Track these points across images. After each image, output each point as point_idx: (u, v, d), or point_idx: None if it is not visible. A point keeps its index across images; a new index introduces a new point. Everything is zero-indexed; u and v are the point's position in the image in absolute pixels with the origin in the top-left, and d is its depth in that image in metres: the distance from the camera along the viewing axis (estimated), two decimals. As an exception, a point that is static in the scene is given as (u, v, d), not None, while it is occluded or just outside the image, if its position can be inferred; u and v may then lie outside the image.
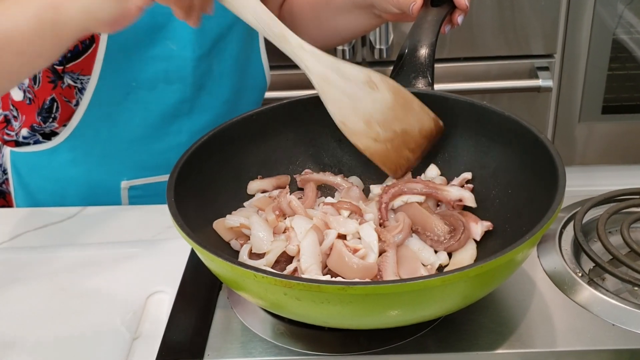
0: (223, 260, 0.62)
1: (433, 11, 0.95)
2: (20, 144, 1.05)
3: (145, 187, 1.08)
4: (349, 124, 0.82)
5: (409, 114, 0.82)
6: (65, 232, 0.94)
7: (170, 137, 1.05)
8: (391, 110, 0.82)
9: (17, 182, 1.09)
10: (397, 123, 0.82)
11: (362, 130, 0.82)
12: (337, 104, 0.81)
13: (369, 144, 0.82)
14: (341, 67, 0.80)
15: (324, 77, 0.80)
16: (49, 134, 1.03)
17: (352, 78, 0.80)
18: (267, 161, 0.89)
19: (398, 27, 1.68)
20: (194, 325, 0.74)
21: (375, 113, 0.81)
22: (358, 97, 0.81)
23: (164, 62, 0.99)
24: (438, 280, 0.58)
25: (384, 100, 0.81)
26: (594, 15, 1.71)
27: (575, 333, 0.71)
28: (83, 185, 1.06)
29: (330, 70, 0.80)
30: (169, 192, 0.72)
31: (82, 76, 0.97)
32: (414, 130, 0.83)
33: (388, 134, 0.82)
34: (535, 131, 0.77)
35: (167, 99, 1.02)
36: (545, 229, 0.64)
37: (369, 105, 0.81)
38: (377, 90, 0.81)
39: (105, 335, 0.75)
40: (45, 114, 1.00)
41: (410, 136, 0.83)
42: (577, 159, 1.88)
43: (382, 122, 0.82)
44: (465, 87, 1.71)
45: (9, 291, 0.83)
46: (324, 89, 0.80)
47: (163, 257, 0.86)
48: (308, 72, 0.80)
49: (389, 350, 0.70)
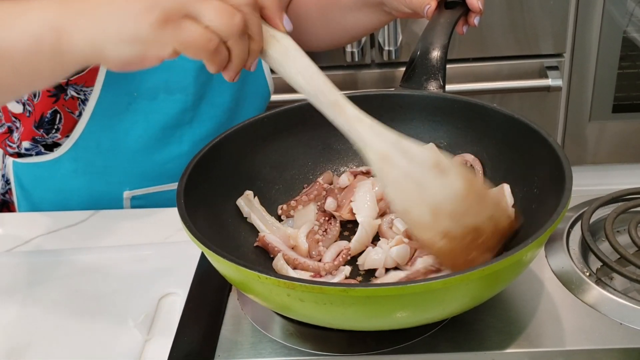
0: (229, 261, 0.63)
1: (446, 13, 0.95)
2: (22, 155, 1.05)
3: (148, 197, 1.07)
4: (414, 214, 0.67)
5: (483, 208, 0.69)
6: (78, 236, 0.95)
7: (171, 146, 1.04)
8: (462, 201, 0.67)
9: (20, 192, 1.09)
10: (469, 218, 0.67)
11: (428, 223, 0.67)
12: (400, 189, 0.66)
13: (435, 240, 0.67)
14: (405, 146, 0.66)
15: (384, 155, 0.66)
16: (51, 145, 1.02)
17: (418, 159, 0.66)
18: (277, 164, 0.89)
19: (407, 28, 1.68)
20: (204, 327, 0.75)
21: (444, 203, 0.66)
22: (425, 182, 0.66)
23: (165, 72, 0.98)
24: (440, 283, 0.59)
25: (454, 189, 0.67)
26: (603, 14, 1.70)
27: (583, 332, 0.71)
28: (86, 195, 1.06)
29: (392, 148, 0.66)
30: (179, 195, 0.73)
31: (85, 88, 0.96)
32: (487, 227, 0.69)
33: (458, 230, 0.67)
34: (544, 134, 0.77)
35: (169, 109, 1.01)
36: (551, 232, 0.64)
37: (437, 194, 0.66)
38: (446, 176, 0.67)
39: (118, 336, 0.76)
40: (48, 126, 0.99)
41: (482, 235, 0.68)
42: (589, 158, 1.88)
43: (452, 214, 0.67)
44: (475, 88, 1.71)
45: (23, 293, 0.84)
46: (385, 170, 0.66)
47: (175, 260, 0.87)
48: (366, 148, 0.66)
49: (397, 351, 0.70)
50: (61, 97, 0.97)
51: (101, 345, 0.76)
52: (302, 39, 1.19)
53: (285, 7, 1.18)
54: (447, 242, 0.67)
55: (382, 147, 0.66)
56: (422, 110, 0.89)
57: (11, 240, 0.94)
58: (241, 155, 0.86)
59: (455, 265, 0.69)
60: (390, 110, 0.90)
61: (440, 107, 0.88)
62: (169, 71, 0.99)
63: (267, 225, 0.83)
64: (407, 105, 0.89)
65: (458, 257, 0.68)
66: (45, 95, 0.97)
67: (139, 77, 0.98)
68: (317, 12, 1.14)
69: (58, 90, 0.97)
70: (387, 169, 0.66)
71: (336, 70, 1.71)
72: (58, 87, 0.96)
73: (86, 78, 0.96)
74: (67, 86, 0.96)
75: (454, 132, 0.88)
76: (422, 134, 0.89)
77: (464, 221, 0.67)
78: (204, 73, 1.01)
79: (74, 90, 0.97)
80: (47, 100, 0.97)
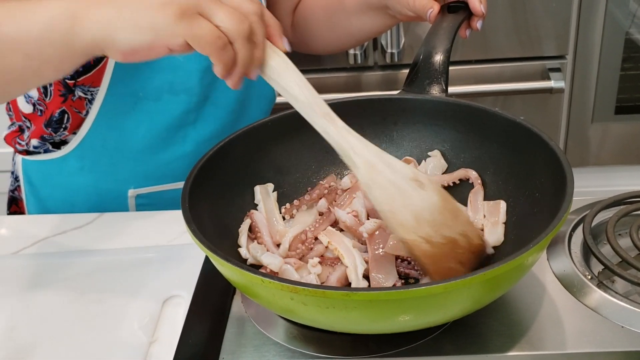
0: (233, 265, 0.64)
1: (449, 17, 0.96)
2: (31, 153, 1.07)
3: (152, 196, 1.09)
4: (399, 216, 0.70)
5: (458, 223, 0.73)
6: (82, 239, 0.96)
7: (175, 146, 1.05)
8: (440, 214, 0.71)
9: (29, 189, 1.11)
10: (446, 229, 0.71)
11: (412, 226, 0.70)
12: (385, 193, 0.70)
13: (419, 242, 0.70)
14: (387, 159, 0.71)
15: (370, 163, 0.70)
16: (59, 143, 1.04)
17: (399, 171, 0.71)
18: (281, 167, 0.90)
19: (410, 30, 1.68)
20: (209, 329, 0.76)
21: (424, 212, 0.71)
22: (406, 191, 0.71)
23: (170, 73, 0.99)
24: (442, 287, 0.59)
25: (432, 202, 0.71)
26: (606, 15, 1.70)
27: (584, 335, 0.71)
28: (91, 193, 1.08)
29: (376, 158, 0.71)
30: (184, 198, 0.74)
31: (92, 88, 0.98)
32: (463, 241, 0.73)
33: (438, 239, 0.71)
34: (546, 138, 0.78)
35: (173, 110, 1.02)
36: (552, 236, 0.64)
37: (418, 203, 0.71)
38: (424, 189, 0.71)
39: (122, 339, 0.77)
40: (56, 125, 1.01)
41: (460, 247, 0.72)
42: (592, 160, 1.87)
43: (432, 223, 0.71)
44: (478, 90, 1.71)
45: (28, 296, 0.85)
46: (371, 175, 0.70)
47: (179, 262, 0.88)
48: (355, 156, 0.70)
49: (400, 353, 0.71)
50: (69, 98, 0.99)
51: (106, 347, 0.76)
52: (309, 43, 1.20)
53: (293, 9, 1.19)
54: (430, 247, 0.71)
55: (368, 156, 0.70)
56: (425, 115, 0.89)
57: (17, 243, 0.95)
58: (245, 159, 0.86)
59: (436, 272, 0.71)
60: (393, 114, 0.91)
61: (443, 111, 0.88)
62: (174, 72, 1.00)
63: (269, 216, 0.84)
64: (409, 110, 0.90)
65: (439, 263, 0.71)
66: (57, 94, 0.99)
67: (144, 78, 0.99)
68: (323, 15, 1.15)
69: (67, 90, 0.98)
70: (374, 174, 0.70)
71: (339, 73, 1.71)
72: (66, 87, 0.98)
73: (93, 79, 0.97)
74: (75, 87, 0.98)
75: (456, 136, 0.88)
76: (425, 138, 0.90)
77: (443, 232, 0.71)
78: (208, 75, 1.02)
79: (81, 90, 0.98)
80: (57, 99, 0.99)
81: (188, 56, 0.98)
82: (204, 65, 1.01)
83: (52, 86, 0.99)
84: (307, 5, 1.18)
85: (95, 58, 0.94)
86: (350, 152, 0.70)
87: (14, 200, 1.17)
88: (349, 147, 0.70)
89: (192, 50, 0.64)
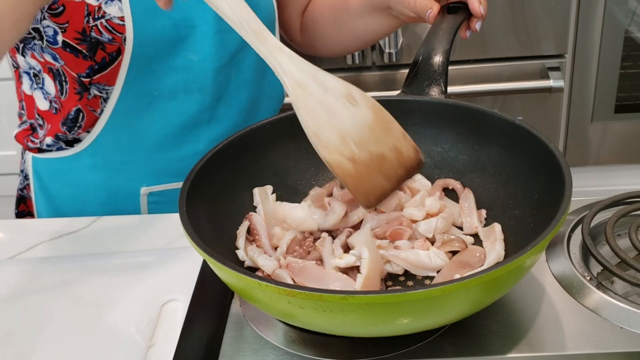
0: (230, 269, 0.64)
1: (448, 18, 0.96)
2: (43, 151, 1.08)
3: (164, 193, 1.10)
4: (322, 136, 0.73)
5: (389, 138, 0.76)
6: (80, 242, 0.96)
7: (188, 145, 1.06)
8: (369, 130, 0.75)
9: (38, 187, 1.12)
10: (374, 145, 0.75)
11: (335, 146, 0.73)
12: (311, 114, 0.73)
13: (341, 162, 0.74)
14: (320, 77, 0.74)
15: (299, 83, 0.73)
16: (72, 140, 1.05)
17: (331, 89, 0.74)
18: (280, 169, 0.90)
19: (408, 30, 1.68)
20: (207, 333, 0.75)
21: (351, 130, 0.74)
22: (335, 109, 0.74)
23: (185, 72, 1.00)
24: (439, 290, 0.59)
25: (362, 118, 0.75)
26: (605, 13, 1.70)
27: (584, 337, 0.71)
28: (103, 191, 1.08)
29: (307, 77, 0.73)
30: (181, 201, 0.74)
31: (107, 87, 0.99)
32: (392, 156, 0.76)
33: (364, 156, 0.74)
34: (545, 139, 0.78)
35: (187, 109, 1.04)
36: (550, 238, 0.64)
37: (346, 121, 0.74)
38: (356, 106, 0.74)
39: (120, 343, 0.77)
40: (71, 124, 1.02)
41: (387, 162, 0.76)
42: (592, 159, 1.87)
43: (359, 141, 0.74)
44: (477, 89, 1.71)
45: (25, 300, 0.85)
46: (299, 96, 0.73)
47: (177, 266, 0.88)
48: (283, 75, 0.73)
49: (399, 356, 0.71)
50: (84, 96, 1.00)
51: (104, 351, 0.76)
52: (317, 45, 1.22)
53: (302, 12, 1.20)
54: (354, 166, 0.74)
55: (298, 75, 0.73)
56: (424, 116, 0.89)
57: (14, 247, 0.95)
58: (243, 161, 0.86)
59: (359, 190, 0.75)
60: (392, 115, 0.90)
61: (442, 112, 0.88)
62: (188, 72, 1.01)
63: (268, 219, 0.84)
64: (409, 111, 0.89)
65: (363, 180, 0.75)
66: (72, 92, 1.00)
67: (159, 77, 1.00)
68: (330, 17, 1.17)
69: (82, 88, 0.99)
70: (302, 94, 0.73)
71: (338, 73, 1.71)
72: (82, 85, 0.99)
73: (108, 77, 0.98)
74: (91, 85, 0.99)
75: (455, 138, 0.88)
76: (424, 139, 0.89)
77: (370, 148, 0.75)
78: (222, 74, 1.03)
79: (96, 89, 0.99)
80: (73, 97, 1.00)
81: (202, 56, 1.00)
82: (218, 65, 1.02)
83: (67, 84, 0.99)
84: (315, 8, 1.19)
85: (110, 56, 0.96)
86: (280, 71, 0.72)
87: (22, 199, 1.17)
88: (278, 67, 0.72)
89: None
